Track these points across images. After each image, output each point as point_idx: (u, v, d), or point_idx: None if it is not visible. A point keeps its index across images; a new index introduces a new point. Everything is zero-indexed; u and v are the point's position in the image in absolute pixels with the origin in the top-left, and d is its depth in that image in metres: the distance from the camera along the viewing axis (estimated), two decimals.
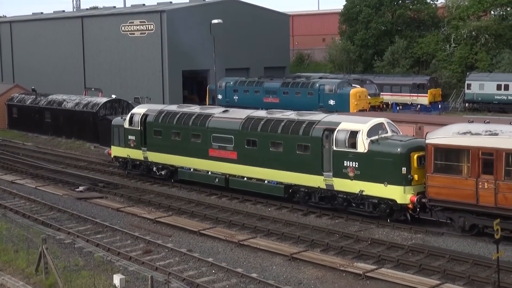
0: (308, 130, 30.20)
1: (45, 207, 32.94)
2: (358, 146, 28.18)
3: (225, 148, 33.75)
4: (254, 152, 32.59)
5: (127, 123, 39.37)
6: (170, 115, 37.26)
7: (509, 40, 74.12)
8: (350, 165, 28.39)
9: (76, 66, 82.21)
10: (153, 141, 37.73)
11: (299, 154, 30.51)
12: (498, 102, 65.99)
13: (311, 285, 21.58)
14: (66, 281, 21.14)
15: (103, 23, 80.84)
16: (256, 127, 32.60)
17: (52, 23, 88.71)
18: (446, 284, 21.09)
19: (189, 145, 35.67)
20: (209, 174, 34.77)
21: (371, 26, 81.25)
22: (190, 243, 26.57)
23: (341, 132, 28.91)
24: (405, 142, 28.02)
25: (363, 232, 27.40)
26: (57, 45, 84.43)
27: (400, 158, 27.14)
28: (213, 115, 35.13)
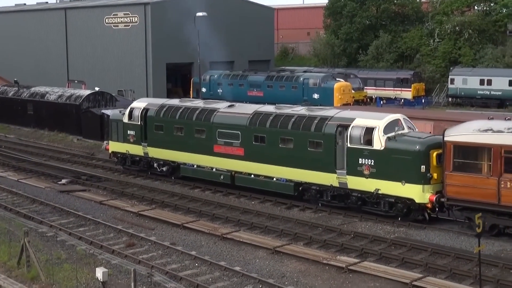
0: (321, 126, 29.16)
1: (27, 200, 32.78)
2: (374, 143, 27.21)
3: (231, 144, 32.67)
4: (262, 148, 31.51)
5: (126, 118, 38.01)
6: (172, 109, 36.02)
7: (492, 35, 74.50)
8: (365, 163, 27.45)
9: (59, 58, 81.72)
10: (154, 136, 36.55)
11: (311, 151, 29.46)
12: (481, 97, 66.35)
13: (294, 278, 21.64)
14: (48, 274, 21.11)
15: (86, 15, 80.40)
16: (265, 123, 31.46)
17: (35, 14, 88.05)
18: (428, 277, 21.20)
19: (193, 140, 34.54)
20: (213, 171, 33.69)
21: (355, 20, 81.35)
22: (173, 236, 26.56)
23: (356, 129, 27.91)
24: (424, 139, 27.07)
25: (346, 225, 27.49)
26: (40, 37, 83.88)
27: (419, 155, 26.26)
28: (218, 110, 34.01)
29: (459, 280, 21.12)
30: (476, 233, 19.67)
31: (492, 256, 22.80)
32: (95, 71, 75.57)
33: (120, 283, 20.77)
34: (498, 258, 22.82)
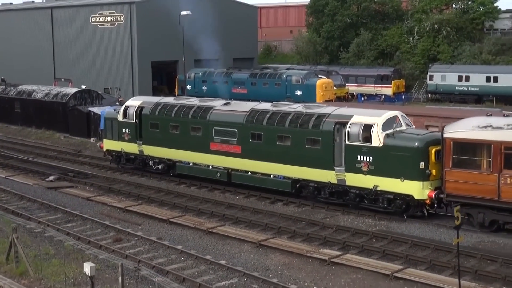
0: (318, 124, 28.63)
1: (15, 196, 32.57)
2: (373, 140, 26.75)
3: (228, 142, 32.03)
4: (259, 146, 30.84)
5: (121, 116, 37.23)
6: (167, 107, 35.28)
7: (469, 33, 75.01)
8: (364, 160, 26.95)
9: (46, 56, 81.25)
10: (149, 134, 35.83)
11: (309, 148, 28.91)
12: (459, 93, 66.78)
13: (278, 271, 21.69)
14: (36, 270, 21.02)
15: (72, 14, 79.97)
16: (262, 120, 30.85)
17: (21, 13, 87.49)
18: (408, 269, 21.32)
19: (189, 138, 33.83)
20: (210, 168, 33.09)
21: (337, 19, 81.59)
22: (159, 231, 26.52)
23: (354, 126, 27.44)
24: (423, 136, 26.77)
25: (328, 219, 27.54)
26: (27, 36, 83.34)
27: (418, 152, 25.86)
28: (214, 108, 33.33)
29: (439, 271, 21.23)
30: (455, 225, 19.82)
31: (470, 248, 22.98)
32: (81, 69, 75.18)
33: (108, 277, 20.73)
34: (476, 249, 22.97)
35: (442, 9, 77.76)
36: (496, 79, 64.71)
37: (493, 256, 22.18)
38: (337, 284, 20.52)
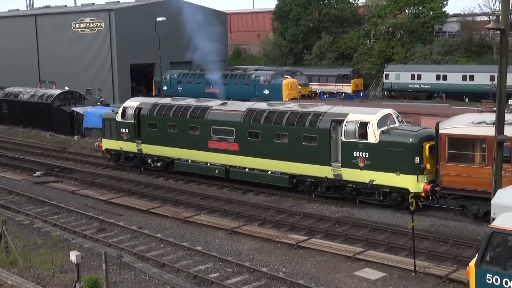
0: (315, 122, 27.74)
1: (4, 191, 32.17)
2: (369, 136, 26.02)
3: (225, 140, 31.00)
4: (256, 143, 29.85)
5: (120, 116, 35.97)
6: (165, 108, 34.13)
7: (421, 35, 75.88)
8: (360, 156, 26.20)
9: (31, 60, 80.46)
10: (147, 133, 34.65)
11: (306, 145, 28.00)
12: (412, 90, 67.56)
13: (250, 255, 21.74)
14: (25, 259, 20.85)
15: (55, 20, 79.30)
16: (259, 119, 29.86)
17: (7, 21, 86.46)
18: (368, 251, 21.51)
19: (187, 137, 32.71)
20: (208, 165, 32.04)
21: (300, 23, 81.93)
22: (140, 221, 26.41)
23: (350, 123, 26.64)
24: (417, 132, 26.08)
25: (295, 207, 27.64)
26: (13, 41, 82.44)
27: (413, 148, 25.15)
28: (212, 108, 32.24)
29: (396, 252, 21.45)
30: (410, 210, 20.04)
31: (424, 230, 23.22)
32: (64, 72, 74.58)
33: (93, 264, 20.62)
34: (429, 232, 23.25)
35: (396, 14, 78.54)
36: (445, 77, 65.57)
37: (445, 238, 22.47)
38: (304, 266, 20.64)
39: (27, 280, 19.45)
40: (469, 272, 12.96)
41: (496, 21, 17.28)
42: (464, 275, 15.80)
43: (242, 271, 20.27)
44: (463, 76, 64.37)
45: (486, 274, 12.45)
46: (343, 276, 19.72)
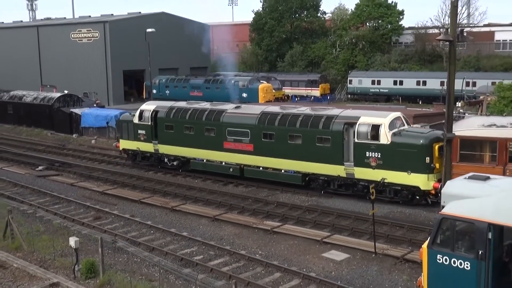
0: (328, 124, 26.52)
1: (10, 184, 31.83)
2: (381, 138, 24.93)
3: (241, 141, 29.57)
4: (271, 144, 28.45)
5: (137, 119, 34.27)
6: (181, 111, 32.59)
7: (380, 45, 76.35)
8: (372, 156, 25.11)
9: (34, 66, 79.57)
10: (164, 134, 33.03)
11: (319, 146, 26.70)
12: (373, 94, 67.98)
13: (230, 240, 21.77)
14: (29, 244, 20.69)
15: (55, 31, 78.54)
16: (273, 122, 28.49)
17: (12, 31, 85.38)
18: (335, 235, 21.63)
19: (203, 138, 31.18)
20: (223, 164, 30.64)
21: (274, 35, 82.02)
22: (132, 210, 26.30)
23: (363, 126, 25.49)
24: (427, 134, 25.14)
25: (270, 197, 27.69)
26: (17, 49, 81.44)
27: (424, 148, 24.15)
28: (227, 111, 30.80)
29: (358, 236, 21.63)
30: (371, 199, 20.19)
31: (383, 217, 23.43)
32: (64, 77, 73.81)
33: (90, 249, 20.49)
34: (387, 218, 23.47)
35: (358, 26, 78.94)
36: (401, 83, 66.10)
37: (401, 223, 22.70)
38: (278, 249, 20.71)
39: (31, 263, 19.31)
40: (422, 253, 13.09)
41: (445, 33, 17.48)
42: (418, 256, 15.96)
43: (223, 254, 20.29)
44: (417, 81, 64.96)
45: (437, 255, 12.59)
46: (312, 257, 19.83)
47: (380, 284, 17.52)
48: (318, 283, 17.64)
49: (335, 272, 18.52)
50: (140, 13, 79.00)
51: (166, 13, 79.37)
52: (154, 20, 71.20)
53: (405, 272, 18.34)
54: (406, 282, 17.52)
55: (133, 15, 77.49)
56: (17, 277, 18.37)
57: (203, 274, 18.43)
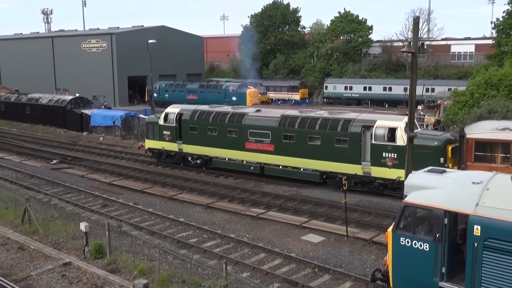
0: (346, 127, 25.48)
1: (27, 175, 31.60)
2: (397, 140, 23.92)
3: (262, 142, 28.35)
4: (291, 145, 27.28)
5: (162, 121, 32.85)
6: (205, 114, 31.17)
7: (352, 56, 76.54)
8: (389, 156, 24.15)
9: (49, 72, 78.91)
10: (188, 135, 31.68)
11: (337, 146, 25.64)
12: (346, 98, 68.18)
13: (221, 225, 21.77)
14: (45, 229, 20.57)
15: (68, 41, 77.92)
16: (293, 124, 27.33)
17: (30, 41, 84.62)
18: (312, 221, 21.74)
19: (225, 139, 29.88)
20: (244, 163, 29.40)
21: (260, 46, 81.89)
22: (135, 198, 26.20)
23: (380, 129, 24.52)
24: (440, 136, 24.13)
25: (256, 187, 27.73)
26: (34, 57, 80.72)
27: (439, 149, 23.30)
28: (248, 114, 29.54)
29: (333, 221, 21.75)
30: (343, 190, 20.28)
31: (354, 205, 23.56)
32: (75, 82, 73.34)
33: (98, 233, 20.40)
34: (358, 206, 23.61)
35: (333, 39, 79.03)
36: (370, 88, 66.36)
37: (369, 210, 22.87)
38: (263, 232, 20.74)
39: (46, 245, 19.19)
40: (387, 236, 13.16)
41: (408, 46, 17.55)
42: (384, 239, 16.04)
43: (215, 237, 20.28)
44: (383, 87, 65.24)
45: (400, 238, 12.67)
46: (292, 240, 19.90)
47: (351, 263, 17.62)
48: (297, 262, 17.71)
49: (312, 252, 18.60)
50: (143, 26, 78.54)
51: (165, 27, 78.98)
52: (155, 32, 70.83)
53: (373, 252, 18.46)
54: (374, 261, 17.65)
55: (136, 28, 77.03)
56: (34, 257, 18.26)
57: (198, 254, 18.43)
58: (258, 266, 17.27)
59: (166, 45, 72.74)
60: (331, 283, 16.15)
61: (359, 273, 16.68)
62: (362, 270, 16.97)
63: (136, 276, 16.11)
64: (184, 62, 79.72)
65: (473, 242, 11.47)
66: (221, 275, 15.46)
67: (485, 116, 30.94)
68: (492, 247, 11.22)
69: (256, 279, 16.41)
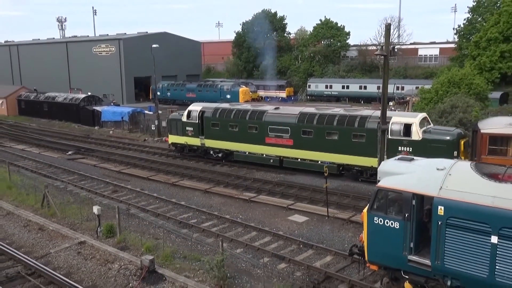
0: (363, 123, 24.48)
1: (46, 165, 31.38)
2: (413, 135, 22.93)
3: (281, 137, 27.29)
4: (309, 139, 26.26)
5: (185, 117, 31.56)
6: (226, 111, 29.90)
7: (332, 58, 76.41)
8: (404, 150, 23.04)
9: (64, 73, 78.14)
10: (210, 131, 30.39)
11: (354, 141, 24.60)
12: (326, 96, 68.09)
13: (218, 207, 21.79)
14: (61, 212, 20.51)
15: (80, 46, 77.12)
16: (312, 120, 26.22)
17: (46, 46, 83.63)
18: (297, 203, 21.82)
19: (246, 134, 28.71)
20: (264, 156, 28.23)
21: (251, 50, 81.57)
22: (142, 185, 26.13)
23: (396, 124, 23.42)
24: (453, 131, 23.09)
25: (248, 174, 27.73)
26: (51, 60, 79.87)
27: (452, 144, 22.29)
28: (268, 111, 28.34)
29: (315, 204, 21.79)
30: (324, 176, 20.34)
31: (334, 189, 23.64)
32: (87, 82, 72.66)
33: (109, 215, 20.34)
34: (337, 190, 23.69)
35: (315, 44, 78.86)
36: (348, 87, 66.33)
37: (347, 194, 22.98)
38: (255, 214, 20.79)
39: (63, 226, 19.13)
40: (363, 216, 13.23)
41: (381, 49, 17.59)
42: (360, 218, 16.16)
43: (212, 218, 20.31)
44: (359, 86, 65.23)
45: (374, 217, 12.75)
46: (280, 220, 19.97)
47: (331, 239, 17.73)
48: (284, 239, 17.79)
49: (298, 231, 18.68)
50: (147, 33, 77.91)
51: (167, 33, 78.42)
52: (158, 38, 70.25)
53: (350, 230, 18.58)
54: (351, 238, 17.76)
55: (141, 34, 76.39)
56: (53, 237, 18.20)
57: (197, 233, 18.45)
58: (250, 243, 17.34)
59: (167, 49, 72.23)
60: (314, 257, 16.25)
61: (338, 248, 16.79)
62: (341, 245, 17.09)
63: (143, 252, 16.12)
64: (183, 64, 79.28)
65: (437, 221, 11.58)
66: (217, 251, 15.50)
67: (448, 110, 31.13)
68: (454, 224, 11.33)
69: (249, 254, 16.48)
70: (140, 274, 14.35)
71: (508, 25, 50.27)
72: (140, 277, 14.19)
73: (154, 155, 34.09)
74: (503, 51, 50.84)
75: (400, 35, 75.47)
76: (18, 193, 23.65)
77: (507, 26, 50.35)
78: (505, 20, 50.47)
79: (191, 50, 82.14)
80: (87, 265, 15.63)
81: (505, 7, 51.27)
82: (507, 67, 50.89)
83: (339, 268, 15.25)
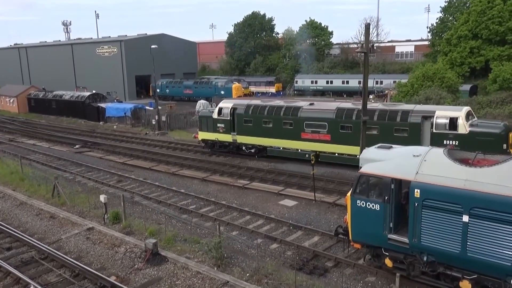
0: (406, 117, 22.56)
1: (55, 158, 31.14)
2: (459, 128, 21.13)
3: (318, 132, 25.30)
4: (348, 134, 24.30)
5: (216, 114, 29.52)
6: (259, 108, 27.89)
7: (317, 56, 76.30)
8: (450, 143, 21.26)
9: (70, 73, 77.29)
10: (242, 127, 28.41)
11: (396, 135, 22.48)
12: (312, 90, 68.09)
13: (215, 194, 21.78)
14: (71, 201, 20.39)
15: (85, 47, 76.26)
16: (351, 116, 24.31)
17: (53, 48, 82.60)
18: (287, 189, 21.86)
19: (280, 130, 26.76)
20: (299, 151, 26.32)
21: (242, 49, 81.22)
22: (145, 175, 26.04)
23: (441, 118, 21.66)
24: (502, 125, 21.34)
25: (242, 163, 27.68)
26: (57, 61, 78.91)
27: (502, 137, 20.67)
28: (303, 107, 26.32)
29: (303, 189, 21.85)
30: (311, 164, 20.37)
31: (320, 175, 23.64)
32: (92, 81, 71.98)
33: (115, 203, 20.27)
34: (323, 176, 23.70)
35: (302, 43, 78.70)
36: (331, 82, 66.33)
37: (333, 179, 23.00)
38: (248, 199, 20.82)
39: (73, 214, 19.04)
40: (347, 199, 13.32)
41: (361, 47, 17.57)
42: (344, 201, 16.25)
43: (209, 204, 20.32)
44: (342, 81, 65.26)
45: (357, 200, 12.84)
46: (272, 204, 20.02)
47: (318, 221, 17.83)
48: (276, 222, 17.86)
49: (288, 214, 18.75)
50: (146, 34, 77.20)
51: (165, 34, 77.74)
52: (156, 39, 69.68)
53: (335, 213, 18.69)
54: (336, 219, 17.87)
55: (141, 36, 75.72)
56: (63, 224, 18.12)
57: (196, 218, 18.46)
58: (245, 226, 17.39)
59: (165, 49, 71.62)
60: (303, 238, 16.35)
61: (325, 229, 16.89)
62: (327, 227, 17.18)
63: (147, 236, 16.12)
64: (180, 63, 78.71)
65: (414, 202, 11.68)
66: (215, 234, 15.53)
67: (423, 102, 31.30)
68: (429, 205, 11.44)
69: (243, 236, 16.54)
70: (145, 256, 14.39)
71: (477, 23, 50.48)
72: (144, 259, 14.24)
73: (155, 147, 33.96)
74: (472, 47, 51.12)
75: (379, 34, 75.56)
76: (30, 184, 23.46)
77: (475, 24, 50.56)
78: (473, 19, 50.67)
79: (187, 50, 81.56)
80: (96, 249, 15.60)
81: (473, 7, 51.44)
82: (476, 62, 51.19)
83: (326, 247, 15.36)
